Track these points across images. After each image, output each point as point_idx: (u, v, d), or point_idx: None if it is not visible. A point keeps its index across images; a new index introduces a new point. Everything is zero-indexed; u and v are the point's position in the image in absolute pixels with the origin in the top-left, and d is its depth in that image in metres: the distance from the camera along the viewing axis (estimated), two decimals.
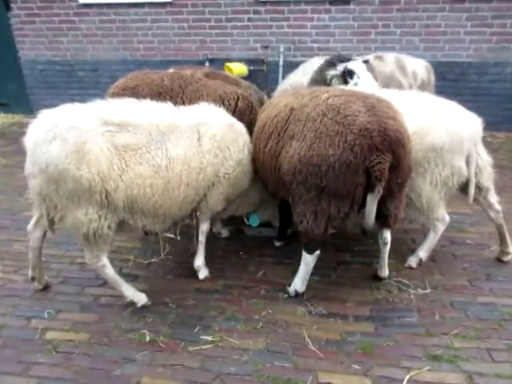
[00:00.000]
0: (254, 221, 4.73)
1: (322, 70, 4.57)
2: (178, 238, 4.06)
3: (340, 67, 4.46)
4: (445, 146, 3.58)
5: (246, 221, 4.87)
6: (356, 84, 4.33)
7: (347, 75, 4.39)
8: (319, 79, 4.54)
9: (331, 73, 4.48)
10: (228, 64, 7.27)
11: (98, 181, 3.00)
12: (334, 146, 3.06)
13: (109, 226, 3.22)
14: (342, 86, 4.29)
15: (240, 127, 3.96)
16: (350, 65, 4.41)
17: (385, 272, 3.89)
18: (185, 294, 3.84)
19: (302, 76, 5.49)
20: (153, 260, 4.32)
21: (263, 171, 3.89)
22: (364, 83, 4.30)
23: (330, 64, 4.54)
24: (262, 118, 3.89)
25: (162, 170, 3.24)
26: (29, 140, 2.98)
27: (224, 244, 4.72)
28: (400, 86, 5.43)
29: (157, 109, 3.48)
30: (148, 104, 3.47)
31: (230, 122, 3.86)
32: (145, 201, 3.23)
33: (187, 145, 3.44)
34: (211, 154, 3.58)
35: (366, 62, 4.58)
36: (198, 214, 3.85)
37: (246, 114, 4.53)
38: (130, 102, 3.41)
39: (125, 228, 3.45)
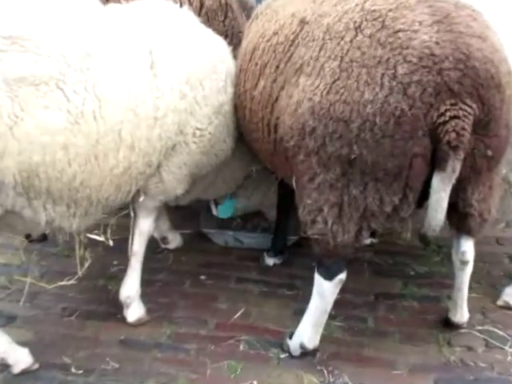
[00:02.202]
0: (226, 210, 4.83)
1: None
2: (111, 242, 4.07)
3: None
4: None
5: (213, 209, 4.95)
6: None
7: None
8: None
9: None
10: None
11: None
12: (373, 85, 3.03)
13: None
14: None
15: (221, 47, 4.02)
16: None
17: (462, 314, 3.95)
18: (101, 348, 3.88)
19: None
20: (50, 285, 4.35)
21: (250, 129, 3.92)
22: None
23: None
24: (252, 35, 3.89)
25: (85, 119, 3.27)
26: None
27: (174, 260, 4.77)
28: None
29: (73, 9, 3.48)
30: (57, 1, 3.46)
31: (205, 37, 3.89)
32: (54, 174, 3.25)
33: (131, 76, 3.47)
34: (174, 94, 3.63)
35: None
36: (141, 199, 3.90)
37: (217, 21, 4.56)
38: None
39: (11, 225, 3.46)
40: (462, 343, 3.93)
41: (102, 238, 4.06)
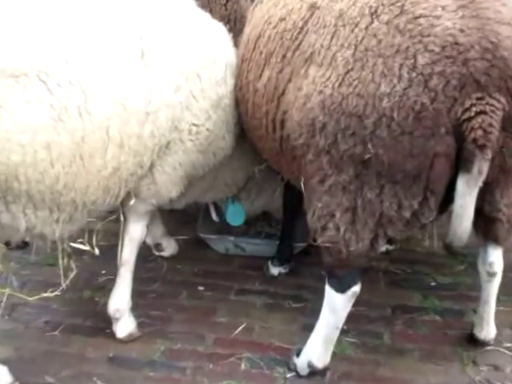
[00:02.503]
0: (237, 216, 4.82)
1: None
2: (97, 251, 4.04)
3: None
4: None
5: (212, 213, 4.95)
6: None
7: None
8: None
9: None
10: None
11: None
12: (390, 76, 3.00)
13: None
14: None
15: (221, 33, 4.04)
16: None
17: (488, 330, 3.94)
18: (88, 367, 3.87)
19: None
20: (32, 297, 4.29)
21: (252, 126, 3.92)
22: None
23: None
24: (256, 21, 3.89)
25: (70, 116, 3.25)
26: None
27: (169, 269, 4.77)
28: None
29: None
30: None
31: (202, 22, 3.91)
32: (35, 176, 3.23)
33: (120, 67, 3.47)
34: (168, 86, 3.63)
35: None
36: (132, 202, 3.89)
37: (218, 4, 4.59)
38: None
39: None
40: (489, 362, 3.93)
41: (87, 247, 4.04)
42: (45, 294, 4.30)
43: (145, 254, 4.52)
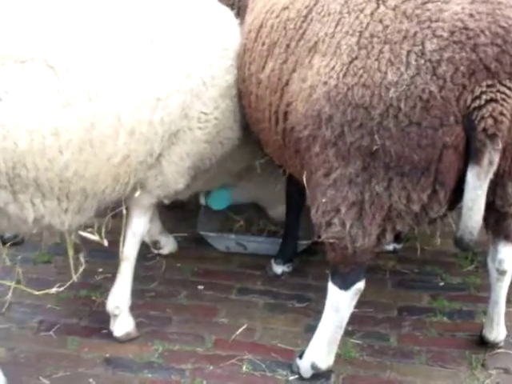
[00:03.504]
0: (220, 200, 4.85)
1: None
2: (106, 243, 3.98)
3: None
4: None
5: (201, 197, 4.95)
6: None
7: None
8: None
9: None
10: None
11: None
12: (397, 64, 2.98)
13: None
14: None
15: (230, 19, 4.09)
16: None
17: (498, 332, 3.92)
18: (83, 368, 3.87)
19: None
20: (39, 291, 4.19)
21: (256, 119, 3.92)
22: None
23: None
24: (258, 10, 3.88)
25: (78, 102, 3.26)
26: None
27: (167, 268, 4.76)
28: None
29: None
30: None
31: (212, 8, 3.96)
32: (44, 163, 3.24)
33: (130, 51, 3.48)
34: (179, 73, 3.65)
35: None
36: (137, 194, 3.89)
37: None
38: None
39: None
40: (498, 365, 3.92)
41: (96, 237, 3.98)
42: (53, 290, 4.20)
43: (143, 252, 4.49)
